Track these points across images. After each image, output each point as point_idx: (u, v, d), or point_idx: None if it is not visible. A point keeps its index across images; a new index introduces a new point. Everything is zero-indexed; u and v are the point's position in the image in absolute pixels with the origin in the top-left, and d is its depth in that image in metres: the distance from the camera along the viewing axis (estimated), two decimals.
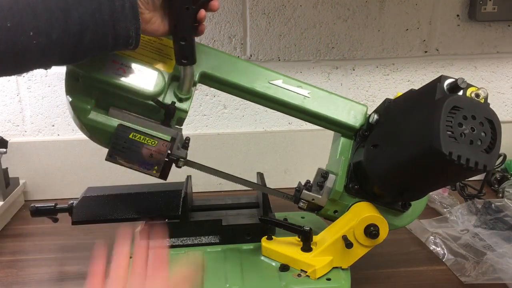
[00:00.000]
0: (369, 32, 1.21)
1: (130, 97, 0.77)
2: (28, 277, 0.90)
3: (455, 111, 0.66)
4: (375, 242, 0.79)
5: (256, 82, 0.83)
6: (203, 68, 0.81)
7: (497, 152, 0.67)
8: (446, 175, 0.71)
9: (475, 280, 0.84)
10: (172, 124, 0.81)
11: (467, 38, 1.24)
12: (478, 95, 0.71)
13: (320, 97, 0.85)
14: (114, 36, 0.66)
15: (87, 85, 0.76)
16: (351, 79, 1.25)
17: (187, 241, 0.90)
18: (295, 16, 1.18)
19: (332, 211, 0.85)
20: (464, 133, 0.66)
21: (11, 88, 1.18)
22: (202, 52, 0.81)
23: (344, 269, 0.81)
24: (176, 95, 0.79)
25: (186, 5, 0.71)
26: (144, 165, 0.78)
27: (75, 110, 0.77)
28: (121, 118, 0.78)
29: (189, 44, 0.74)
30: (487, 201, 1.06)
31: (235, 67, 0.83)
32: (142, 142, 0.78)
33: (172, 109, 0.78)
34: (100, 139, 0.80)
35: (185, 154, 0.81)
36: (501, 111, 1.30)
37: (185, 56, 0.75)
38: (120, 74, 0.76)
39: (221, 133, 1.25)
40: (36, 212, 0.88)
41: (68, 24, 0.62)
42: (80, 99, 0.77)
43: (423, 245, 0.98)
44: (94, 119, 0.78)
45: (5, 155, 1.12)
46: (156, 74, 0.78)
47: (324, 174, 0.85)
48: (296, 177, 1.29)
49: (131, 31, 0.67)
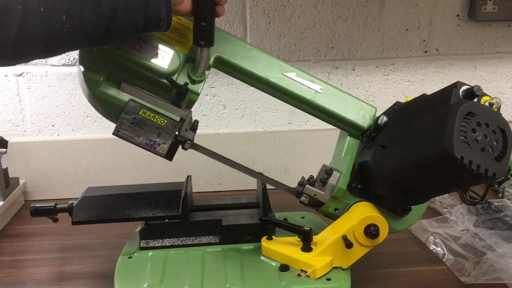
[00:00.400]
0: (369, 32, 1.21)
1: (144, 73, 0.77)
2: (28, 277, 0.90)
3: (469, 117, 0.67)
4: (375, 242, 0.79)
5: (270, 72, 0.83)
6: (219, 52, 0.81)
7: (507, 161, 0.67)
8: (455, 179, 0.72)
9: (475, 280, 0.84)
10: (183, 105, 0.80)
11: (467, 38, 1.24)
12: (492, 104, 0.72)
13: (331, 94, 0.86)
14: (146, 18, 0.67)
15: (102, 57, 0.76)
16: (351, 79, 1.25)
17: (187, 241, 0.90)
18: (295, 16, 1.18)
19: (333, 209, 0.85)
20: (477, 139, 0.66)
21: (11, 88, 1.18)
22: (219, 36, 0.81)
23: (344, 269, 0.81)
24: (190, 76, 0.79)
25: None
26: (151, 143, 0.78)
27: (87, 81, 0.77)
28: (133, 93, 0.78)
29: (209, 25, 0.74)
30: (487, 201, 1.06)
31: (250, 55, 0.83)
32: (152, 119, 0.78)
33: (184, 90, 0.78)
34: (109, 113, 0.79)
35: (192, 136, 0.81)
36: (501, 111, 1.30)
37: (204, 38, 0.75)
38: (137, 49, 0.76)
39: (221, 133, 1.25)
40: (36, 212, 0.87)
41: (100, 6, 0.63)
42: (93, 70, 0.77)
43: (423, 245, 0.98)
44: (105, 91, 0.77)
45: (5, 155, 1.12)
46: (172, 52, 0.77)
47: (329, 171, 0.85)
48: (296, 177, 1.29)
49: (162, 13, 0.68)
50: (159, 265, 0.84)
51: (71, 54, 1.16)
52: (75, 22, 0.62)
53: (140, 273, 0.82)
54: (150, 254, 0.87)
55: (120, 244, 0.92)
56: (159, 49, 0.77)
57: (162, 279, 0.80)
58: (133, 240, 0.92)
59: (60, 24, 0.61)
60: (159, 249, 0.88)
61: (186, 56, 0.79)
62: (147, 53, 0.76)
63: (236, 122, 1.25)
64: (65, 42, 0.64)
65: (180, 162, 1.22)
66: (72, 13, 0.62)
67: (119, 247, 0.91)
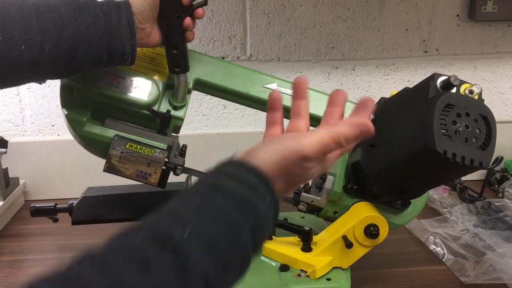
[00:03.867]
0: (369, 32, 1.21)
1: (125, 107, 0.77)
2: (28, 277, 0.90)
3: (448, 109, 0.66)
4: (375, 242, 0.79)
5: (250, 86, 0.83)
6: (197, 75, 0.82)
7: (493, 148, 0.66)
8: (443, 173, 0.71)
9: (475, 280, 0.84)
10: (169, 132, 0.81)
11: (467, 38, 1.24)
12: (472, 91, 0.71)
13: (315, 99, 0.85)
14: (109, 52, 0.66)
15: (82, 98, 0.77)
16: (351, 79, 1.25)
17: None
18: (295, 16, 1.18)
19: (332, 212, 0.85)
20: (459, 130, 0.65)
21: (11, 88, 1.18)
22: (195, 59, 0.82)
23: (344, 269, 0.81)
24: (171, 103, 0.80)
25: (176, 13, 0.72)
26: (142, 175, 0.79)
27: (71, 123, 0.78)
28: (117, 128, 0.79)
29: (181, 52, 0.75)
30: (487, 201, 1.06)
31: (229, 73, 0.83)
32: (139, 151, 0.78)
33: (167, 118, 0.78)
34: (97, 150, 0.80)
35: (182, 161, 0.82)
36: (501, 111, 1.30)
37: (177, 65, 0.76)
38: (114, 85, 0.76)
39: (221, 133, 1.25)
40: (36, 212, 0.88)
41: (61, 38, 0.62)
42: (76, 111, 0.78)
43: (423, 245, 0.98)
44: (90, 131, 0.78)
45: (5, 155, 1.11)
46: (150, 83, 0.78)
47: (322, 175, 0.85)
48: None
49: (126, 47, 0.67)
50: None
51: None
52: (35, 52, 0.61)
53: None
54: None
55: None
56: (136, 81, 0.78)
57: None
58: None
59: (19, 53, 0.60)
60: None
61: (165, 84, 0.80)
62: (125, 87, 0.77)
63: (236, 122, 1.25)
64: (26, 72, 0.63)
65: None
66: (32, 44, 0.60)
67: None
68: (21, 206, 1.19)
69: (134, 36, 0.67)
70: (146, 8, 0.68)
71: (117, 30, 0.65)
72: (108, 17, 0.65)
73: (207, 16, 1.16)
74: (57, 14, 0.62)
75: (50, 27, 0.61)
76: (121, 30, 0.65)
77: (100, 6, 0.65)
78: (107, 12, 0.65)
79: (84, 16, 0.64)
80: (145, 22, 0.69)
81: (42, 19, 0.61)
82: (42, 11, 0.61)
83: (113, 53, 0.66)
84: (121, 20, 0.65)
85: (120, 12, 0.66)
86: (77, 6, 0.64)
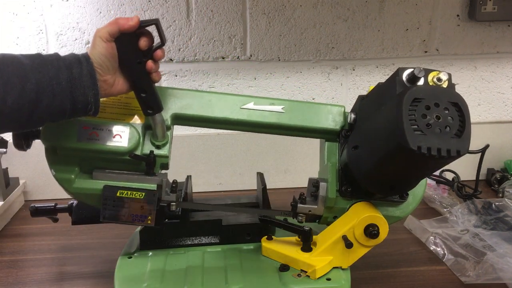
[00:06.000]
0: (369, 32, 1.21)
1: (109, 157, 0.79)
2: (28, 277, 0.90)
3: (416, 103, 0.65)
4: (375, 242, 0.79)
5: (228, 111, 0.84)
6: (174, 110, 0.83)
7: (469, 133, 0.65)
8: (425, 167, 0.70)
9: (476, 280, 0.84)
10: (157, 171, 0.82)
11: (467, 38, 1.24)
12: (440, 79, 0.69)
13: (294, 109, 0.85)
14: (72, 102, 0.67)
15: (66, 156, 0.79)
16: (351, 79, 1.25)
17: (187, 241, 0.90)
18: (295, 16, 1.18)
19: (332, 217, 0.84)
20: (430, 123, 0.64)
21: None
22: (168, 95, 0.83)
23: (344, 269, 0.81)
24: (153, 143, 0.81)
25: (137, 60, 0.73)
26: (137, 218, 0.80)
27: (61, 182, 0.80)
28: (105, 178, 0.80)
29: (150, 95, 0.76)
30: (487, 201, 1.06)
31: (205, 102, 0.84)
32: (130, 197, 0.79)
33: (152, 158, 0.79)
34: (91, 202, 0.82)
35: (175, 197, 0.82)
36: (501, 111, 1.30)
37: (150, 107, 0.77)
38: (94, 138, 0.78)
39: (221, 133, 1.25)
40: (36, 212, 0.88)
41: (24, 90, 0.63)
42: (63, 170, 0.79)
43: (423, 245, 0.98)
44: (79, 187, 0.80)
45: (5, 155, 1.11)
46: (128, 129, 0.79)
47: (315, 183, 0.85)
48: (296, 177, 1.29)
49: (89, 96, 0.68)
50: (159, 265, 0.84)
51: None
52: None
53: (140, 273, 0.82)
54: (150, 254, 0.87)
55: (120, 244, 0.92)
56: (115, 130, 0.79)
57: (162, 279, 0.80)
58: (133, 240, 0.92)
59: None
60: (159, 249, 0.88)
61: (144, 126, 0.81)
62: (105, 138, 0.78)
63: None
64: None
65: (180, 162, 1.23)
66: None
67: (119, 247, 0.91)
68: (21, 206, 1.19)
69: (96, 85, 0.69)
70: (104, 61, 0.70)
71: (79, 80, 0.67)
72: (70, 69, 0.67)
73: (207, 16, 1.16)
74: (20, 67, 0.64)
75: (13, 79, 0.62)
76: (83, 81, 0.68)
77: (63, 60, 0.68)
78: (69, 64, 0.67)
79: (47, 69, 0.66)
80: (105, 74, 0.71)
81: (6, 72, 0.62)
82: (5, 64, 0.63)
83: (76, 104, 0.68)
84: (82, 71, 0.68)
85: (81, 64, 0.68)
86: (41, 60, 0.66)
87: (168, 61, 1.19)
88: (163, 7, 1.15)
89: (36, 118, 0.66)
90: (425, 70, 0.69)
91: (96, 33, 0.70)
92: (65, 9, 1.13)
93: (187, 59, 1.19)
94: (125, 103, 0.81)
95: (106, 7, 1.14)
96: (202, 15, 1.16)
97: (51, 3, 1.12)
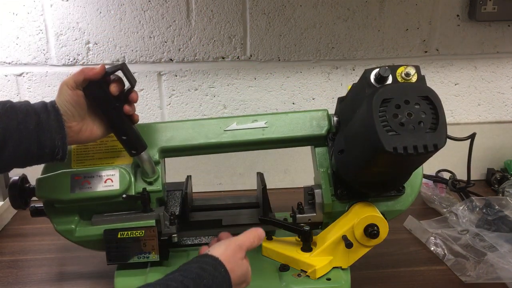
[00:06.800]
0: (369, 32, 1.21)
1: (104, 202, 0.81)
2: (28, 277, 0.90)
3: (385, 103, 0.64)
4: (375, 242, 0.79)
5: (212, 135, 0.85)
6: (159, 144, 0.84)
7: (444, 124, 0.64)
8: (407, 164, 0.70)
9: (476, 279, 0.84)
10: (154, 206, 0.83)
11: (467, 38, 1.24)
12: (408, 73, 0.69)
13: (277, 121, 0.86)
14: (39, 147, 0.69)
15: (64, 208, 0.81)
16: (351, 79, 1.25)
17: (187, 241, 0.90)
18: (295, 16, 1.18)
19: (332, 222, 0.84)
20: (402, 122, 0.64)
21: (11, 88, 1.18)
22: (152, 130, 0.84)
23: (344, 269, 0.81)
24: (145, 180, 0.82)
25: (112, 105, 0.74)
26: (142, 255, 0.81)
27: (63, 234, 0.82)
28: (104, 223, 0.81)
29: (131, 137, 0.77)
30: (488, 201, 1.06)
31: (189, 131, 0.85)
32: (131, 236, 0.80)
33: (146, 195, 0.81)
34: (93, 248, 0.84)
35: (175, 229, 0.83)
36: (501, 111, 1.30)
37: (133, 147, 0.78)
38: (86, 187, 0.80)
39: None
40: (36, 212, 0.87)
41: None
42: (64, 222, 0.82)
43: (423, 245, 0.98)
44: (81, 236, 0.82)
45: None
46: (117, 172, 0.81)
47: (310, 191, 0.85)
48: (296, 177, 1.29)
49: (56, 140, 0.69)
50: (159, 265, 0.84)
51: (71, 54, 1.16)
52: None
53: (140, 273, 0.82)
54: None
55: None
56: (105, 175, 0.81)
57: None
58: None
59: None
60: None
61: (133, 165, 0.83)
62: (96, 185, 0.80)
63: None
64: None
65: (180, 162, 1.22)
66: None
67: None
68: None
69: (63, 129, 0.70)
70: (69, 108, 0.71)
71: (46, 125, 0.69)
72: (38, 115, 0.68)
73: (207, 16, 1.16)
74: None
75: None
76: (50, 125, 0.69)
77: (32, 106, 0.70)
78: (37, 110, 0.69)
79: (15, 114, 0.67)
80: (70, 121, 0.72)
81: None
82: None
83: (43, 148, 0.69)
84: (50, 116, 0.69)
85: (48, 109, 0.69)
86: (10, 106, 0.68)
87: (168, 61, 1.19)
88: (163, 7, 1.15)
89: (2, 163, 0.67)
90: (391, 68, 0.69)
91: (63, 81, 0.72)
92: (65, 9, 1.13)
93: (187, 59, 1.19)
94: (111, 146, 0.83)
95: (106, 7, 1.14)
96: (202, 15, 1.16)
97: (51, 3, 1.12)
